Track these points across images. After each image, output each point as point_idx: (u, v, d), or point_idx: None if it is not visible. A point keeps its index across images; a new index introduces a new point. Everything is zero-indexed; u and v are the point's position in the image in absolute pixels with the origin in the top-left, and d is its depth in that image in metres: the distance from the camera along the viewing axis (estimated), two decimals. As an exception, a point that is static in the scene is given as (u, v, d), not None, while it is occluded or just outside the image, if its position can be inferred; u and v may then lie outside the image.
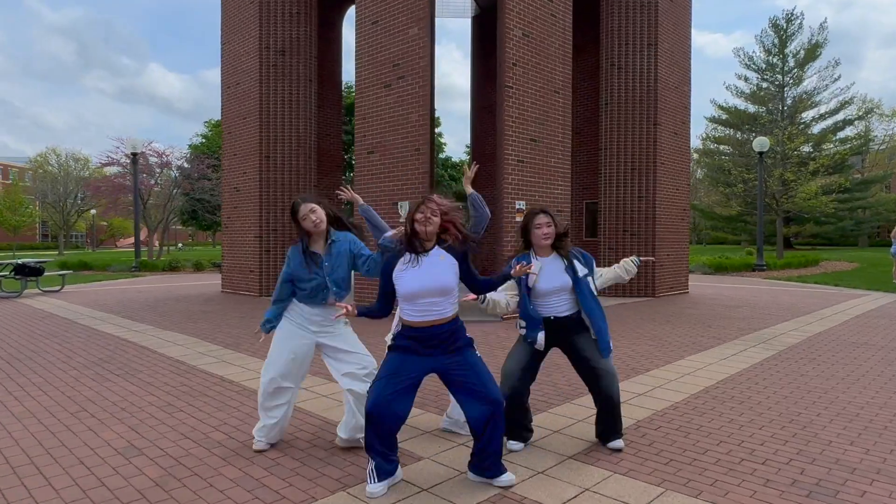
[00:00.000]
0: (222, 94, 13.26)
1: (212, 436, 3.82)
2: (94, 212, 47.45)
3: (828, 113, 37.04)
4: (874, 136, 44.49)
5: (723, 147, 40.80)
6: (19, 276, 12.69)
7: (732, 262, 20.01)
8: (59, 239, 50.47)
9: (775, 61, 36.69)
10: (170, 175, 32.65)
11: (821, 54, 35.69)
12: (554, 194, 9.75)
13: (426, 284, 2.93)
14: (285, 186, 12.24)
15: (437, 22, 14.95)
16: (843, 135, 38.43)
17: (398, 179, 9.33)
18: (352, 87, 26.69)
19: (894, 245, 15.61)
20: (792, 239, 43.94)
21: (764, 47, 37.14)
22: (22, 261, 13.09)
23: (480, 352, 3.22)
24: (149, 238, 34.05)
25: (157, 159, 30.52)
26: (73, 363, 5.95)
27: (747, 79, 38.17)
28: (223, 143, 13.36)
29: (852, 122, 38.01)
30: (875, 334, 7.54)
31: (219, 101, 13.42)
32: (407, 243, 3.01)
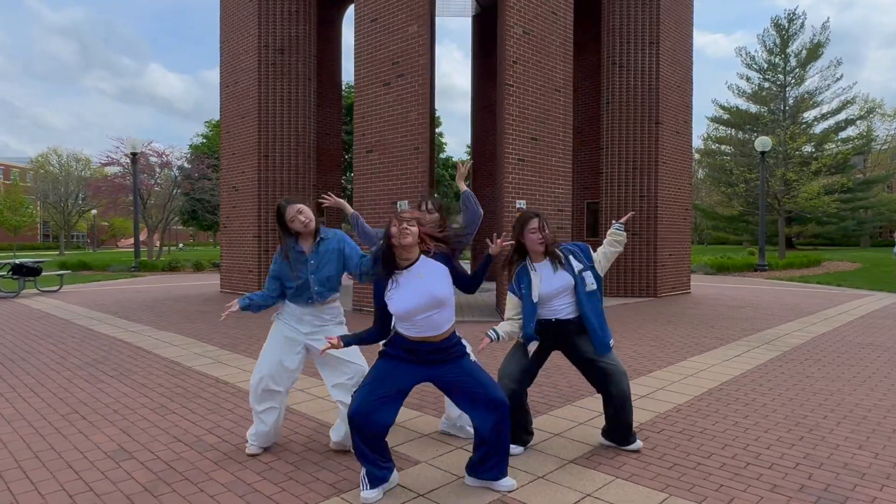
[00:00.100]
0: (221, 93, 13.18)
1: (205, 439, 3.74)
2: (95, 212, 47.42)
3: (830, 113, 37.01)
4: (876, 136, 44.32)
5: (724, 147, 40.74)
6: (17, 276, 12.60)
7: (734, 262, 19.91)
8: (60, 239, 50.42)
9: (777, 61, 36.65)
10: (170, 175, 32.61)
11: (822, 54, 35.68)
12: (555, 193, 9.67)
13: (417, 301, 2.83)
14: (284, 186, 12.16)
15: (437, 21, 14.90)
16: (844, 135, 38.41)
17: (397, 178, 9.26)
18: (352, 87, 26.61)
19: (897, 245, 15.54)
20: (794, 239, 43.92)
21: (766, 47, 37.14)
22: (20, 261, 13.02)
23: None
24: (149, 238, 34.01)
25: (157, 159, 30.52)
26: (67, 364, 5.88)
27: (749, 78, 38.17)
28: (222, 143, 13.28)
29: (854, 121, 37.97)
30: (880, 335, 7.45)
31: (219, 101, 13.35)
32: (384, 264, 2.90)
